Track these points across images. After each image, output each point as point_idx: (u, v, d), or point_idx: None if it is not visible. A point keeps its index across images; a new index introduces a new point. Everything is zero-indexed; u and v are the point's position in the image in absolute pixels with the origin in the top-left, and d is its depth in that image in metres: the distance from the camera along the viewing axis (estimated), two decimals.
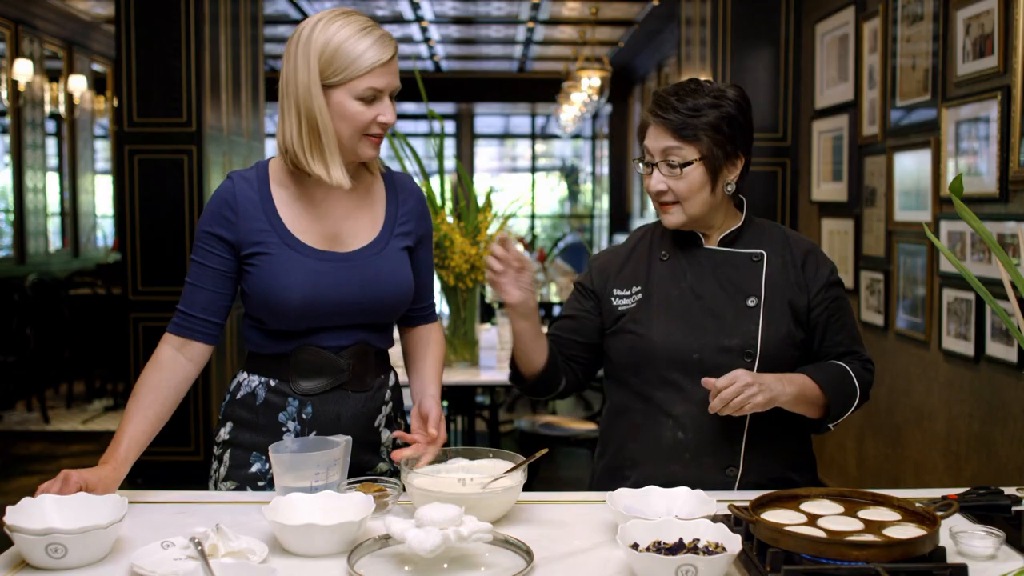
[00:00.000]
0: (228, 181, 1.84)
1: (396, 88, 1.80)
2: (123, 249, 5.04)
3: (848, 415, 1.91)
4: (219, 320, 1.83)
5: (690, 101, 1.84)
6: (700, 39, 5.22)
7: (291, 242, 1.80)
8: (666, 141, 1.84)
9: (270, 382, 1.85)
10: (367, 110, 1.76)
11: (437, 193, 3.64)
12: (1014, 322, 1.49)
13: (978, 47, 3.25)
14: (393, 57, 1.78)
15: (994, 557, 1.48)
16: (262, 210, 1.81)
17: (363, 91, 1.75)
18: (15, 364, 6.60)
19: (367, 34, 1.75)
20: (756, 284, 1.89)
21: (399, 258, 1.88)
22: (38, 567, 1.42)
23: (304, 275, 1.78)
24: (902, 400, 3.94)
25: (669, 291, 1.91)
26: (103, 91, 9.08)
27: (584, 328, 1.98)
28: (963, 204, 1.45)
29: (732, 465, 1.86)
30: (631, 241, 2.04)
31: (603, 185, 12.24)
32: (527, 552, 1.46)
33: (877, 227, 4.16)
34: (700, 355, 1.84)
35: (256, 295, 1.80)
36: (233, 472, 1.86)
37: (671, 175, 1.85)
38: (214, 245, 1.81)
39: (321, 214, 1.84)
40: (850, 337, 1.94)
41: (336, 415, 1.85)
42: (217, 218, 1.81)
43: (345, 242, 1.84)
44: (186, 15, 4.89)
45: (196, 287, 1.81)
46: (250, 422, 1.85)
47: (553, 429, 4.24)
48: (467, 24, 8.96)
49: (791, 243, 1.95)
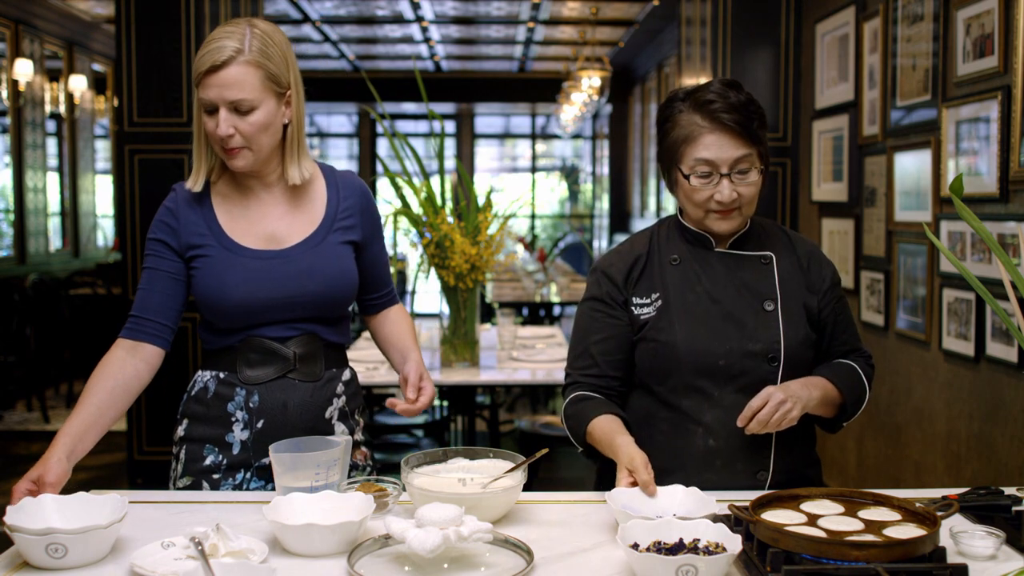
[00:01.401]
0: (172, 192, 1.92)
1: (229, 101, 1.76)
2: (123, 249, 5.04)
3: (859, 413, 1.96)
4: (170, 324, 1.88)
5: (744, 101, 1.80)
6: (700, 39, 5.22)
7: (228, 244, 1.87)
8: (738, 149, 1.78)
9: (219, 375, 1.90)
10: (208, 120, 1.80)
11: (437, 193, 3.63)
12: (1014, 322, 1.49)
13: (978, 47, 3.25)
14: (219, 67, 1.74)
15: (994, 557, 1.48)
16: (202, 216, 1.88)
17: (199, 100, 1.79)
18: (15, 364, 6.60)
19: (209, 42, 1.76)
20: (771, 287, 1.88)
21: (337, 252, 1.92)
22: (38, 567, 1.42)
23: (240, 274, 1.85)
24: (902, 400, 3.94)
25: (686, 296, 1.87)
26: (103, 91, 9.09)
27: (623, 343, 1.91)
28: (963, 204, 1.45)
29: (763, 469, 1.86)
30: (637, 247, 1.96)
31: (603, 185, 12.24)
32: (527, 552, 1.46)
33: (877, 227, 4.16)
34: (726, 361, 1.82)
35: (199, 296, 1.88)
36: (188, 466, 1.90)
37: (742, 182, 1.81)
38: (161, 251, 1.88)
39: (258, 216, 1.90)
40: (853, 335, 1.98)
41: (283, 403, 1.88)
42: (161, 226, 1.89)
43: (281, 240, 1.90)
44: (186, 15, 4.89)
45: (147, 291, 1.88)
46: (202, 416, 1.90)
47: (553, 429, 4.24)
48: (467, 24, 8.96)
49: (794, 244, 1.95)
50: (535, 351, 4.15)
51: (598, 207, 12.76)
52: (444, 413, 5.09)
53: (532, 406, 6.78)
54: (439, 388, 4.79)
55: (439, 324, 3.84)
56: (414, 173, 3.70)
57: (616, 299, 1.92)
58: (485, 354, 3.94)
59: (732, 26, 5.02)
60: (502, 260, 3.85)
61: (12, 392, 7.04)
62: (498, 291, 7.48)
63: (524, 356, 4.01)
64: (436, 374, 3.68)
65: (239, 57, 1.75)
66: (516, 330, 4.33)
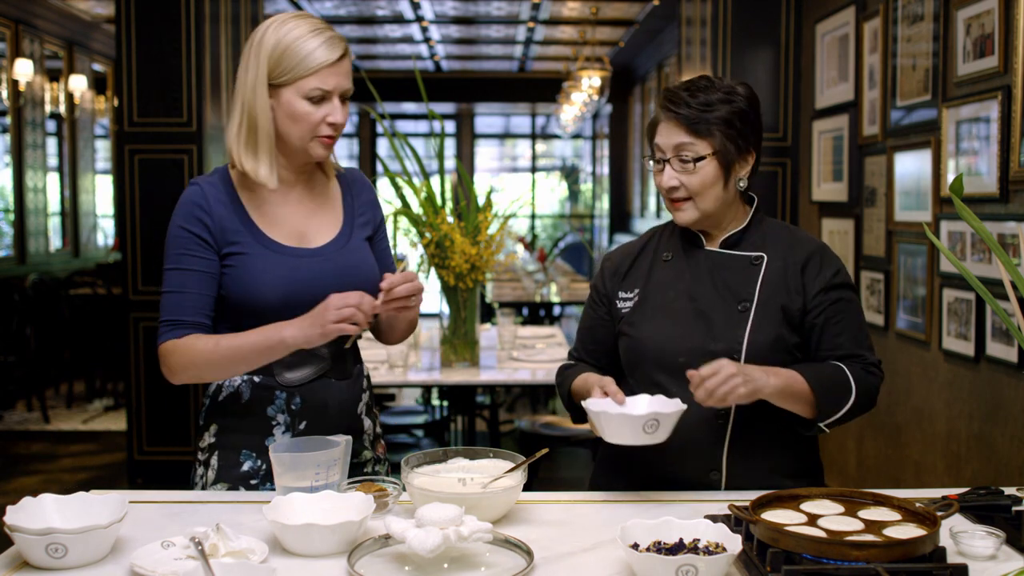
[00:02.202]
0: (195, 186, 1.86)
1: (346, 90, 1.83)
2: (123, 249, 5.04)
3: (845, 416, 1.82)
4: (209, 321, 1.84)
5: (702, 96, 1.85)
6: (700, 39, 5.22)
7: (264, 241, 1.84)
8: (679, 137, 1.84)
9: (254, 379, 1.86)
10: (315, 110, 1.80)
11: (437, 193, 3.63)
12: (1014, 322, 1.49)
13: (978, 47, 3.25)
14: (342, 58, 1.81)
15: (994, 557, 1.48)
16: (232, 211, 1.84)
17: (310, 91, 1.78)
18: (15, 364, 6.61)
19: (317, 34, 1.78)
20: (751, 288, 1.87)
21: (363, 249, 1.94)
22: (38, 567, 1.42)
23: (282, 272, 1.82)
24: (902, 400, 3.94)
25: (667, 293, 1.90)
26: (103, 91, 9.09)
27: (600, 334, 2.01)
28: (963, 204, 1.45)
29: (715, 469, 1.84)
30: (641, 241, 2.03)
31: (603, 185, 12.23)
32: (527, 552, 1.46)
33: (877, 227, 4.16)
34: (686, 359, 1.82)
35: (233, 296, 1.82)
36: (224, 473, 1.87)
37: (683, 171, 1.85)
38: (194, 247, 1.81)
39: (285, 214, 1.88)
40: (853, 340, 1.87)
41: (324, 403, 1.88)
42: (193, 221, 1.82)
43: (311, 239, 1.89)
44: (186, 15, 4.90)
45: (181, 294, 1.81)
46: (236, 421, 1.86)
47: (553, 429, 4.24)
48: (467, 24, 8.96)
49: (795, 245, 1.91)
50: (535, 351, 4.15)
51: (598, 207, 12.76)
52: (444, 413, 5.09)
53: (532, 406, 6.78)
54: (439, 388, 4.80)
55: (439, 324, 3.84)
56: (414, 173, 3.70)
57: (601, 292, 2.01)
58: (485, 354, 3.94)
59: (732, 26, 5.02)
60: (502, 260, 3.86)
61: (12, 392, 7.04)
62: (498, 291, 7.48)
63: (524, 356, 4.01)
64: (436, 374, 3.68)
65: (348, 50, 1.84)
66: (516, 330, 4.33)
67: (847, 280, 1.91)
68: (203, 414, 1.92)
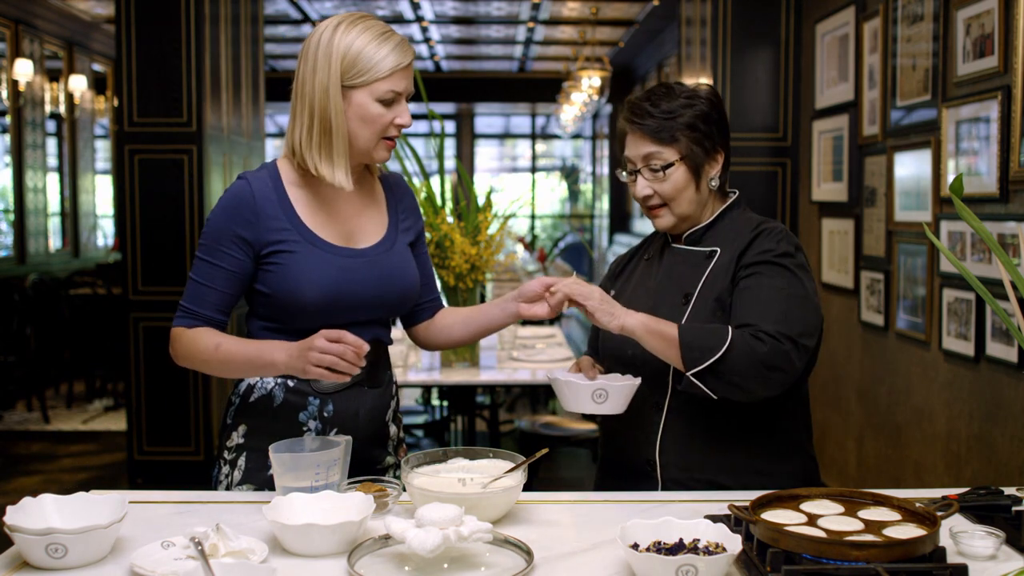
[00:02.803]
0: (243, 181, 1.84)
1: (411, 92, 1.87)
2: (123, 249, 5.04)
3: (717, 368, 1.72)
4: (226, 318, 1.86)
5: (664, 104, 1.89)
6: (700, 39, 5.22)
7: (312, 239, 1.83)
8: (645, 147, 1.90)
9: (288, 383, 1.86)
10: (386, 112, 1.82)
11: (437, 193, 3.63)
12: (1014, 322, 1.49)
13: (978, 47, 3.25)
14: (411, 62, 1.85)
15: (994, 557, 1.48)
16: (280, 208, 1.83)
17: (384, 93, 1.80)
18: (15, 364, 6.61)
19: (388, 38, 1.81)
20: (695, 282, 1.91)
21: (407, 253, 1.95)
22: (38, 567, 1.42)
23: (329, 271, 1.81)
24: (902, 400, 3.94)
25: (636, 290, 2.00)
26: (103, 91, 9.09)
27: (598, 330, 2.06)
28: (963, 204, 1.45)
29: (649, 459, 1.89)
30: (640, 243, 2.14)
31: (603, 185, 12.23)
32: (527, 552, 1.46)
33: (877, 227, 4.16)
34: (634, 351, 1.89)
35: (278, 293, 1.81)
36: (252, 475, 1.86)
37: (654, 179, 1.91)
38: (232, 246, 1.81)
39: (334, 212, 1.88)
40: (755, 311, 1.76)
41: (355, 411, 1.88)
42: (237, 218, 1.81)
43: (358, 240, 1.89)
44: (186, 15, 4.89)
45: (205, 287, 1.82)
46: (267, 424, 1.85)
47: (553, 429, 4.24)
48: (467, 24, 8.96)
49: (755, 236, 1.87)
50: (535, 351, 4.15)
51: (598, 207, 12.77)
52: (444, 413, 5.09)
53: (532, 406, 6.78)
54: (439, 388, 4.81)
55: None
56: (414, 173, 3.70)
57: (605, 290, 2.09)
58: (485, 354, 3.94)
59: (732, 26, 5.02)
60: (502, 260, 3.86)
61: (12, 392, 7.04)
62: (498, 291, 7.48)
63: (524, 356, 4.02)
64: (436, 374, 3.68)
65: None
66: (516, 330, 4.33)
67: (778, 260, 1.82)
68: (231, 413, 1.91)
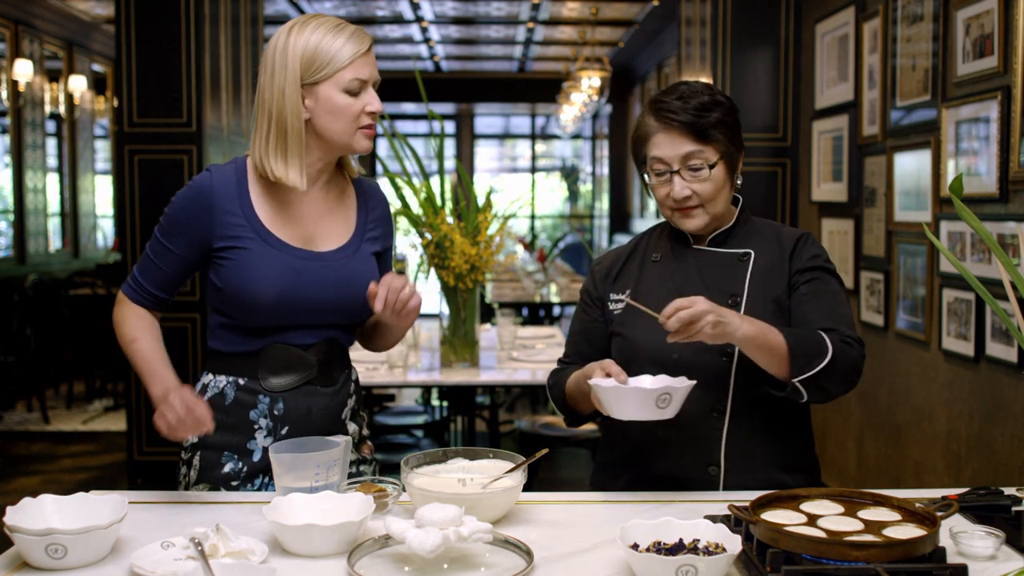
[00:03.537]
0: (206, 172, 1.87)
1: (378, 80, 1.87)
2: (123, 249, 5.04)
3: (821, 377, 1.73)
4: (168, 296, 1.90)
5: (694, 101, 1.85)
6: (700, 39, 5.22)
7: (267, 237, 1.84)
8: (685, 146, 1.84)
9: (239, 381, 1.86)
10: (355, 101, 1.82)
11: (437, 193, 3.63)
12: (1014, 322, 1.49)
13: (978, 47, 3.25)
14: (370, 48, 1.84)
15: (994, 557, 1.48)
16: (239, 204, 1.84)
17: (348, 83, 1.80)
18: (15, 364, 6.60)
19: (342, 30, 1.82)
20: (740, 283, 1.88)
21: (370, 261, 1.93)
22: (38, 567, 1.42)
23: (281, 271, 1.82)
24: (902, 400, 3.94)
25: (657, 292, 1.91)
26: (103, 91, 9.08)
27: (594, 337, 2.00)
28: (963, 204, 1.45)
29: (713, 464, 1.85)
30: (630, 245, 2.05)
31: (603, 185, 12.23)
32: (527, 552, 1.46)
33: (877, 227, 4.16)
34: (680, 355, 1.84)
35: (229, 289, 1.83)
36: (205, 474, 1.87)
37: (695, 179, 1.85)
38: (182, 234, 1.84)
39: (296, 214, 1.88)
40: (827, 315, 1.82)
41: (307, 410, 1.87)
42: (191, 208, 1.84)
43: (319, 243, 1.88)
44: (186, 15, 4.89)
45: (154, 264, 1.87)
46: (219, 423, 1.84)
47: (553, 429, 4.24)
48: (467, 24, 8.96)
49: (782, 237, 1.93)
50: (535, 351, 4.15)
51: (598, 207, 12.77)
52: (444, 413, 5.09)
53: (532, 406, 6.78)
54: (439, 388, 4.80)
55: (439, 324, 3.84)
56: (414, 173, 3.70)
57: (592, 296, 2.02)
58: (485, 354, 3.94)
59: (732, 26, 5.02)
60: (502, 260, 3.85)
61: (12, 392, 7.04)
62: (498, 291, 7.48)
63: (524, 356, 4.01)
64: (436, 374, 3.68)
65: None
66: (516, 330, 4.33)
67: (828, 265, 1.90)
68: None
